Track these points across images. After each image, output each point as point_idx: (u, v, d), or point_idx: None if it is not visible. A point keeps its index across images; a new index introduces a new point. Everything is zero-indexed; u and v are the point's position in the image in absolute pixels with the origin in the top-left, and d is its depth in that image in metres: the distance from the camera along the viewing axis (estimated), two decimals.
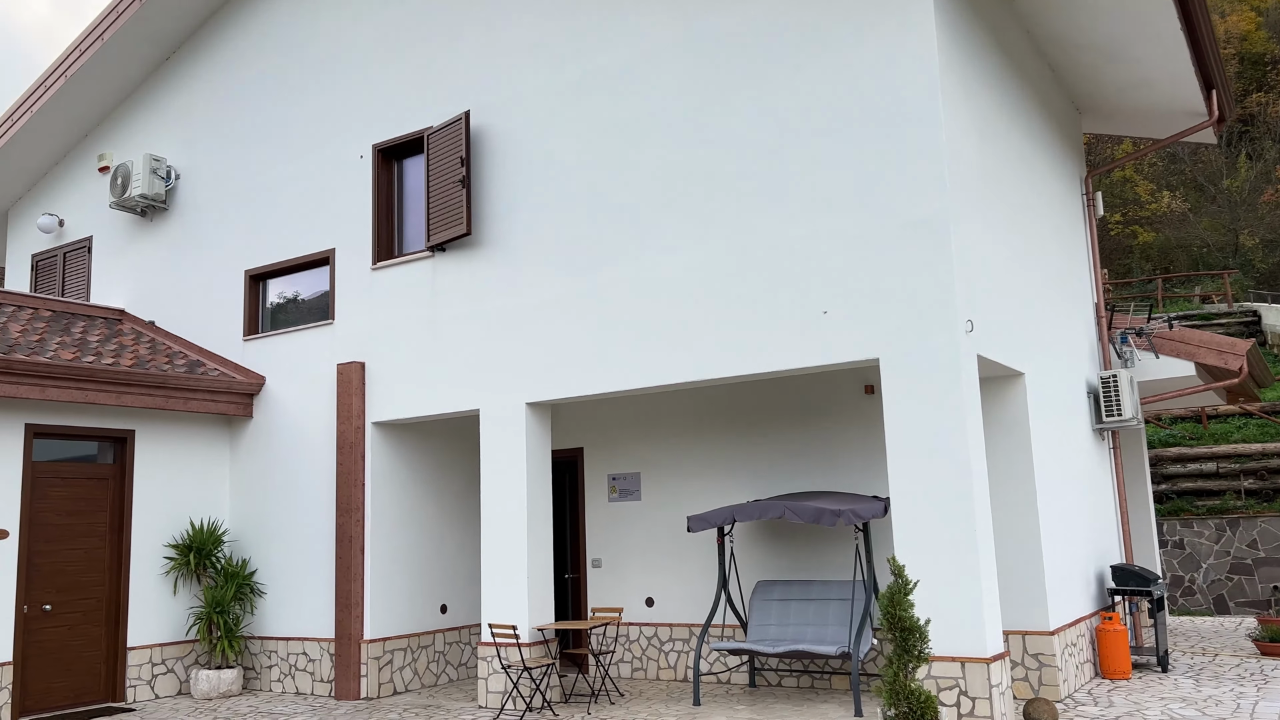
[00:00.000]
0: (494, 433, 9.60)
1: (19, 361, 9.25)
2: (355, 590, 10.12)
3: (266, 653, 10.85)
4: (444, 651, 10.92)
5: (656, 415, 10.88)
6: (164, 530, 10.79)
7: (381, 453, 10.51)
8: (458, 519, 11.35)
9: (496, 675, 9.24)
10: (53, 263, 13.98)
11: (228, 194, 12.13)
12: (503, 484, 9.48)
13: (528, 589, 9.21)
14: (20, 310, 11.28)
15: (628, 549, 10.87)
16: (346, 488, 10.32)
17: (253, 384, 11.31)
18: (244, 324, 11.73)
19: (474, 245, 9.97)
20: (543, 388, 9.36)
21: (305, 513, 10.81)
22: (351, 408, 10.44)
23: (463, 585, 11.30)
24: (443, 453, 11.26)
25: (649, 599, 10.63)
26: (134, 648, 10.34)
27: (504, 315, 9.67)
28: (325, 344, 10.95)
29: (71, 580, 10.01)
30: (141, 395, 10.34)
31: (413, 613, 10.62)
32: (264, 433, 11.31)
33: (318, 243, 11.20)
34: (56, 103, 13.05)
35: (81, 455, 10.30)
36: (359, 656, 10.02)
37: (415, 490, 10.85)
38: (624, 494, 10.97)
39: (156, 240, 12.77)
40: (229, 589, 10.64)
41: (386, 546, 10.40)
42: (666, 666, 10.40)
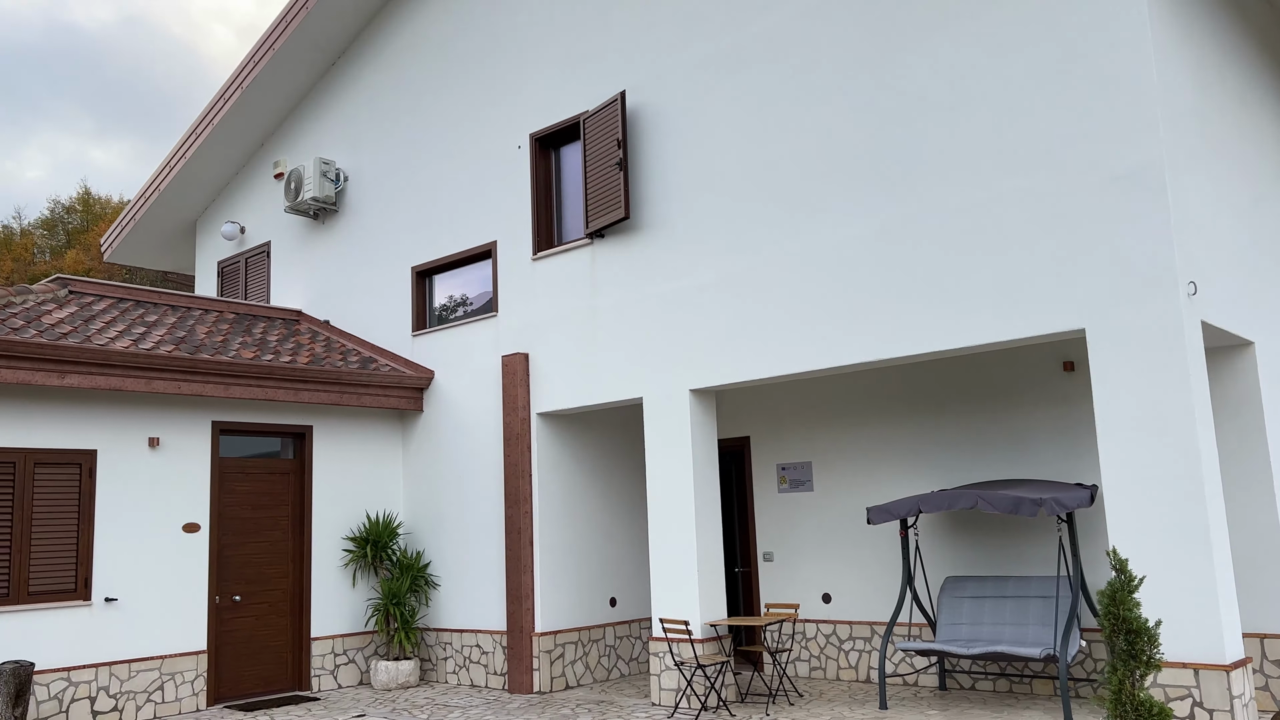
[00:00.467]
0: (658, 421, 9.28)
1: (204, 361, 9.61)
2: (525, 583, 10.03)
3: (441, 644, 10.93)
4: (614, 645, 10.71)
5: (827, 400, 10.30)
6: (342, 523, 11.04)
7: (547, 444, 10.38)
8: (624, 510, 11.12)
9: (669, 672, 8.92)
10: (236, 268, 14.66)
11: (392, 192, 12.32)
12: (668, 474, 9.15)
13: (698, 583, 8.84)
14: (206, 313, 11.80)
15: (800, 542, 10.35)
16: (514, 479, 10.25)
17: (422, 378, 11.43)
18: (412, 320, 11.88)
19: (632, 229, 9.67)
20: (707, 373, 8.96)
21: (475, 505, 10.83)
22: (516, 399, 10.36)
23: (631, 578, 11.06)
24: (608, 443, 11.05)
25: (826, 595, 10.08)
26: (317, 638, 10.62)
27: (664, 300, 9.33)
28: (490, 336, 10.93)
29: (258, 572, 10.36)
30: (318, 391, 10.59)
31: (582, 606, 10.46)
32: (434, 426, 11.41)
33: (479, 236, 11.19)
34: (234, 114, 13.63)
35: (264, 451, 10.64)
36: (531, 650, 9.92)
37: (581, 481, 10.68)
38: (795, 484, 10.45)
39: (328, 241, 13.14)
40: (404, 581, 10.78)
41: (555, 538, 10.27)
42: (847, 666, 9.82)
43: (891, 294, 7.83)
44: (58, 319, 9.61)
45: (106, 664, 9.02)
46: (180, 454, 9.81)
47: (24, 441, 8.80)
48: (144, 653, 9.29)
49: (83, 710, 8.83)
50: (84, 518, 9.07)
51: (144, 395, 9.62)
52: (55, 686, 8.69)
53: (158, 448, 9.64)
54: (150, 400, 9.66)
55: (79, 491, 9.08)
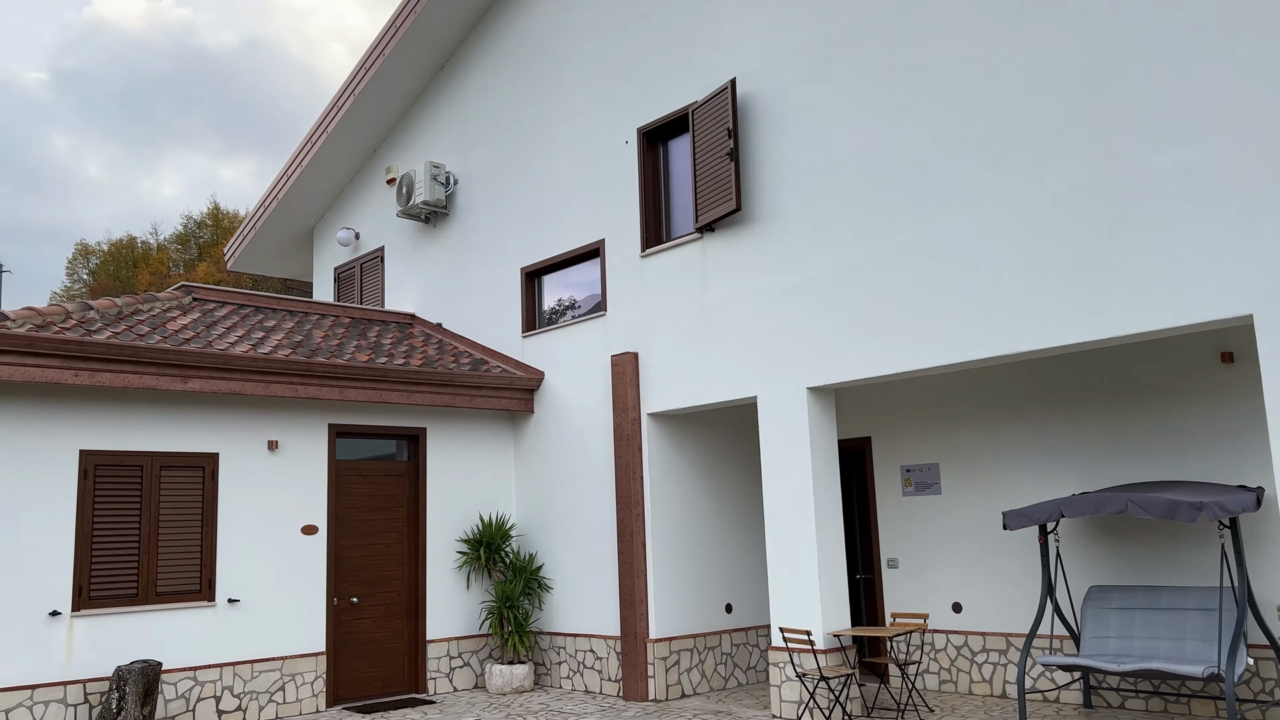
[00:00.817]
0: (774, 421, 8.90)
1: (320, 364, 9.69)
2: (639, 587, 9.78)
3: (555, 649, 10.79)
4: (731, 653, 10.36)
5: (956, 397, 9.72)
6: (455, 525, 11.02)
7: (659, 445, 10.12)
8: (739, 513, 10.76)
9: (790, 683, 8.53)
10: (352, 274, 14.89)
11: (501, 194, 12.27)
12: (786, 476, 8.76)
13: (820, 591, 8.42)
14: (323, 318, 11.97)
15: (927, 548, 9.80)
16: (625, 481, 10.02)
17: (532, 379, 11.32)
18: (522, 321, 11.79)
19: (744, 222, 9.32)
20: (825, 371, 8.54)
21: (586, 507, 10.64)
22: (626, 400, 10.12)
23: (747, 584, 10.70)
24: (721, 444, 10.72)
25: (956, 604, 9.50)
26: (433, 640, 10.61)
27: (779, 294, 8.94)
28: (598, 336, 10.74)
29: (375, 574, 10.41)
30: (430, 393, 10.58)
31: (697, 612, 10.15)
32: (544, 427, 11.29)
33: (587, 234, 11.01)
34: (347, 122, 13.84)
35: (379, 454, 10.70)
36: (645, 656, 9.67)
37: (694, 483, 10.37)
38: (920, 487, 9.91)
39: (439, 245, 13.19)
40: (518, 584, 10.67)
41: (668, 542, 10.00)
42: (980, 679, 9.24)
43: (1029, 282, 7.27)
44: (181, 325, 9.84)
45: (230, 664, 9.17)
46: (298, 456, 9.92)
47: (151, 445, 9.02)
48: (265, 653, 9.41)
49: (208, 709, 8.99)
50: (207, 520, 9.25)
51: (263, 399, 9.76)
52: (182, 686, 8.87)
53: (277, 450, 9.77)
54: (269, 404, 9.80)
55: (202, 494, 9.26)
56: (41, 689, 8.15)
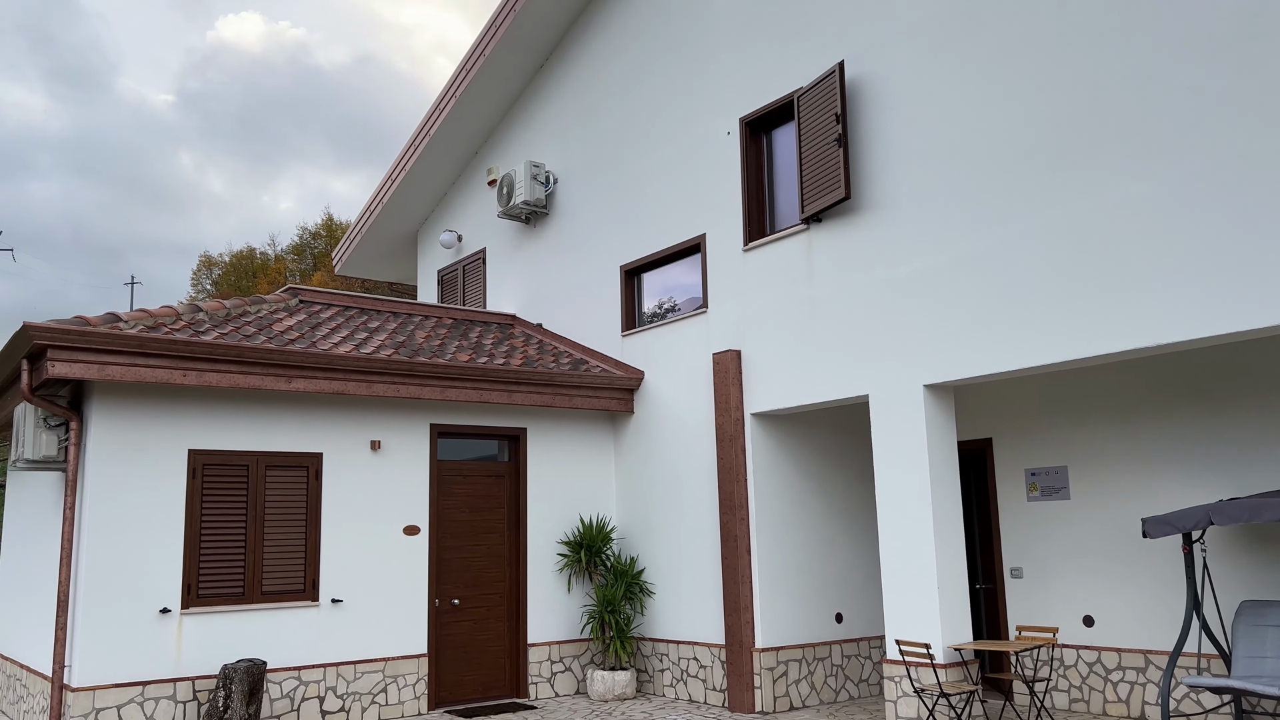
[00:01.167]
0: (887, 421, 8.41)
1: (422, 364, 9.63)
2: (744, 594, 9.40)
3: (658, 655, 10.49)
4: (842, 665, 9.88)
5: (1086, 395, 9.05)
6: (555, 527, 10.84)
7: (763, 446, 9.72)
8: (849, 518, 10.28)
9: (907, 699, 8.03)
10: (454, 276, 14.94)
11: (600, 191, 12.08)
12: (901, 480, 8.26)
13: (939, 601, 7.90)
14: (425, 319, 11.97)
15: (1054, 557, 9.14)
16: (729, 484, 9.66)
17: (632, 379, 11.07)
18: (622, 319, 11.55)
19: (853, 211, 8.86)
20: (943, 367, 8.01)
21: (688, 510, 10.32)
22: (729, 399, 9.76)
23: (858, 592, 10.20)
24: (829, 445, 10.26)
25: (1087, 617, 8.83)
26: (534, 644, 10.44)
27: (891, 286, 8.46)
28: (699, 334, 10.41)
29: (476, 576, 10.30)
30: (530, 393, 10.43)
31: (806, 620, 9.71)
32: (644, 428, 11.02)
33: (688, 230, 10.70)
34: (449, 125, 13.87)
35: (480, 454, 10.60)
36: (752, 666, 9.28)
37: (801, 486, 9.94)
38: (1046, 492, 9.25)
39: (540, 244, 13.08)
40: (619, 588, 10.42)
41: (774, 547, 9.59)
42: (1115, 699, 8.54)
43: (1176, 266, 6.63)
44: (286, 326, 9.93)
45: (334, 664, 9.17)
46: (400, 456, 9.89)
47: (256, 445, 9.09)
48: (368, 654, 9.39)
49: (312, 710, 9.00)
50: (311, 519, 9.28)
51: (365, 399, 9.76)
52: (287, 685, 8.90)
53: (379, 450, 9.75)
54: (371, 404, 9.80)
55: (306, 494, 9.30)
56: (153, 685, 8.27)
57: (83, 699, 7.97)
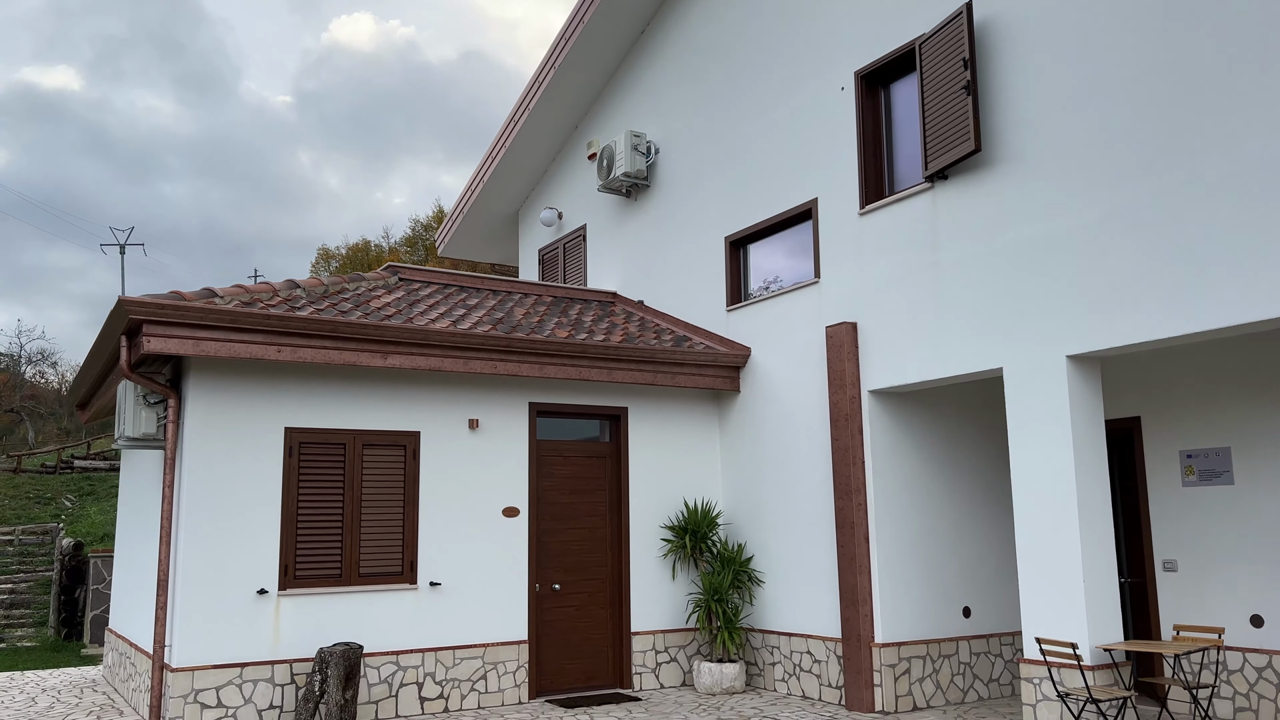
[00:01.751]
0: (1024, 397, 7.61)
1: (520, 340, 9.25)
2: (862, 585, 8.73)
3: (768, 648, 9.90)
4: (970, 663, 9.11)
5: (1252, 366, 8.04)
6: (658, 511, 10.34)
7: (882, 426, 9.01)
8: (978, 504, 9.47)
9: (1048, 703, 7.24)
10: (555, 255, 14.58)
11: (703, 160, 11.49)
12: (1041, 462, 7.45)
13: (1085, 598, 7.08)
14: (525, 297, 11.62)
15: (1215, 548, 8.17)
16: (844, 467, 8.98)
17: (738, 356, 10.47)
18: (726, 294, 10.96)
19: (983, 166, 8.05)
20: (1089, 335, 7.17)
21: (799, 495, 9.68)
22: (844, 375, 9.07)
23: (987, 584, 9.39)
24: (955, 425, 9.46)
25: (1256, 617, 7.85)
26: (637, 633, 9.98)
27: (1029, 247, 7.63)
28: (811, 306, 9.73)
29: (576, 560, 9.90)
30: (631, 371, 9.95)
31: (930, 614, 8.97)
32: (751, 408, 10.41)
33: (797, 195, 10.02)
34: (548, 98, 13.48)
35: (580, 435, 10.18)
36: (871, 662, 8.61)
37: (924, 470, 9.18)
38: (1206, 476, 8.28)
39: (641, 218, 12.58)
40: (726, 576, 9.86)
41: (894, 535, 8.88)
42: None
43: None
44: (384, 303, 9.68)
45: (432, 649, 8.88)
46: (499, 436, 9.54)
47: (353, 423, 8.86)
48: (467, 640, 9.08)
49: (410, 696, 8.73)
50: (408, 500, 9.00)
51: (462, 376, 9.44)
52: (385, 670, 8.66)
53: (477, 430, 9.43)
54: (468, 381, 9.47)
55: (404, 473, 9.03)
56: (251, 667, 8.11)
57: (182, 679, 7.86)
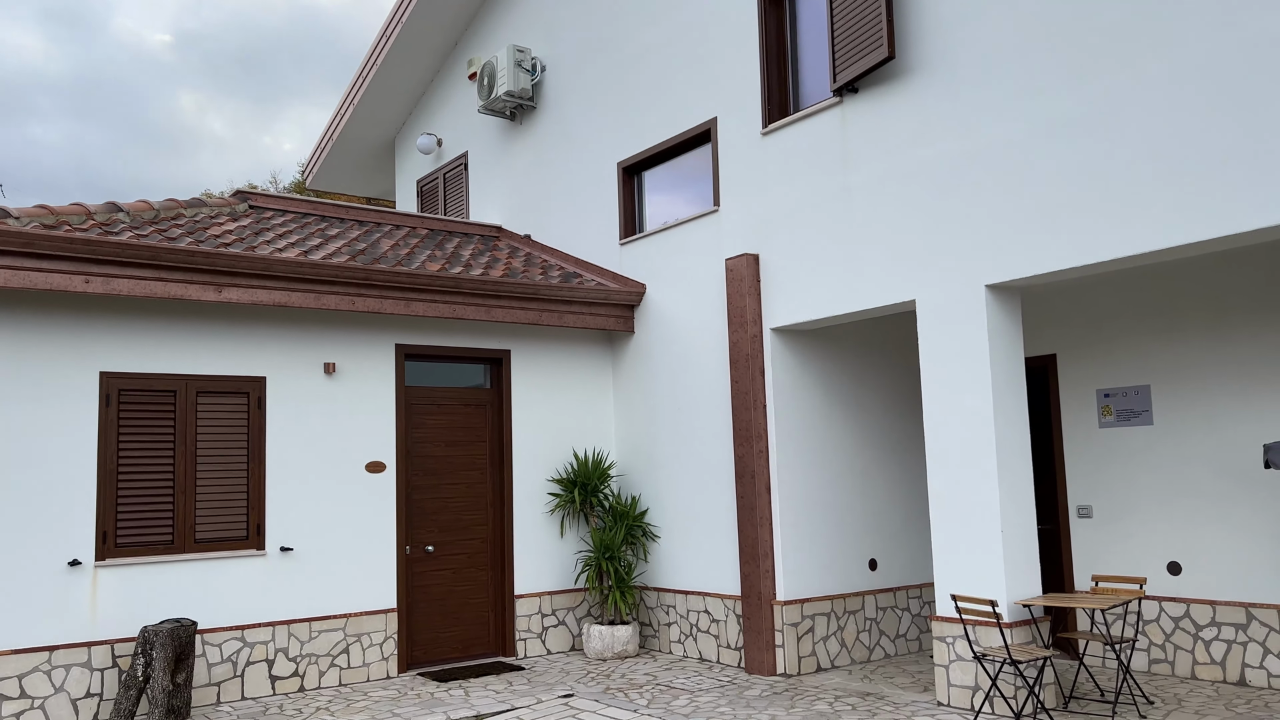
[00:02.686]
0: (939, 332, 6.92)
1: (381, 273, 8.15)
2: (763, 538, 8.03)
3: (664, 607, 9.17)
4: (876, 619, 8.54)
5: (1176, 298, 7.54)
6: (545, 463, 9.44)
7: (785, 367, 8.26)
8: (886, 450, 8.85)
9: (963, 664, 6.67)
10: (435, 186, 13.38)
11: (593, 79, 10.45)
12: (956, 403, 6.80)
13: (1004, 550, 6.49)
14: (397, 229, 10.46)
15: (1132, 492, 7.72)
16: (744, 411, 8.22)
17: (631, 293, 9.58)
18: (619, 225, 10.02)
19: (897, 76, 7.26)
20: (1011, 263, 6.49)
21: (698, 443, 8.90)
22: (745, 312, 8.28)
23: (895, 535, 8.82)
24: (864, 365, 8.79)
25: (1173, 564, 7.44)
26: (521, 595, 9.11)
27: (948, 167, 6.90)
28: (710, 237, 8.88)
29: (453, 519, 8.94)
30: (513, 309, 8.96)
31: (835, 568, 8.34)
32: (647, 350, 9.56)
33: (695, 115, 9.11)
34: (423, 9, 12.19)
35: (456, 381, 9.17)
36: (772, 621, 7.94)
37: (830, 414, 8.50)
38: (1124, 416, 7.80)
39: (526, 144, 11.49)
40: (619, 531, 9.06)
41: (797, 484, 8.19)
42: (1207, 660, 7.19)
43: None
44: (224, 230, 8.43)
45: (285, 622, 7.85)
46: (360, 382, 8.46)
47: (185, 367, 7.66)
48: (326, 610, 8.07)
49: (259, 675, 7.70)
50: (254, 455, 7.88)
51: (315, 314, 8.30)
52: (228, 647, 7.59)
53: (334, 374, 8.32)
54: (323, 320, 8.34)
55: (248, 425, 7.89)
56: (62, 650, 6.95)
57: None
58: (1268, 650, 6.89)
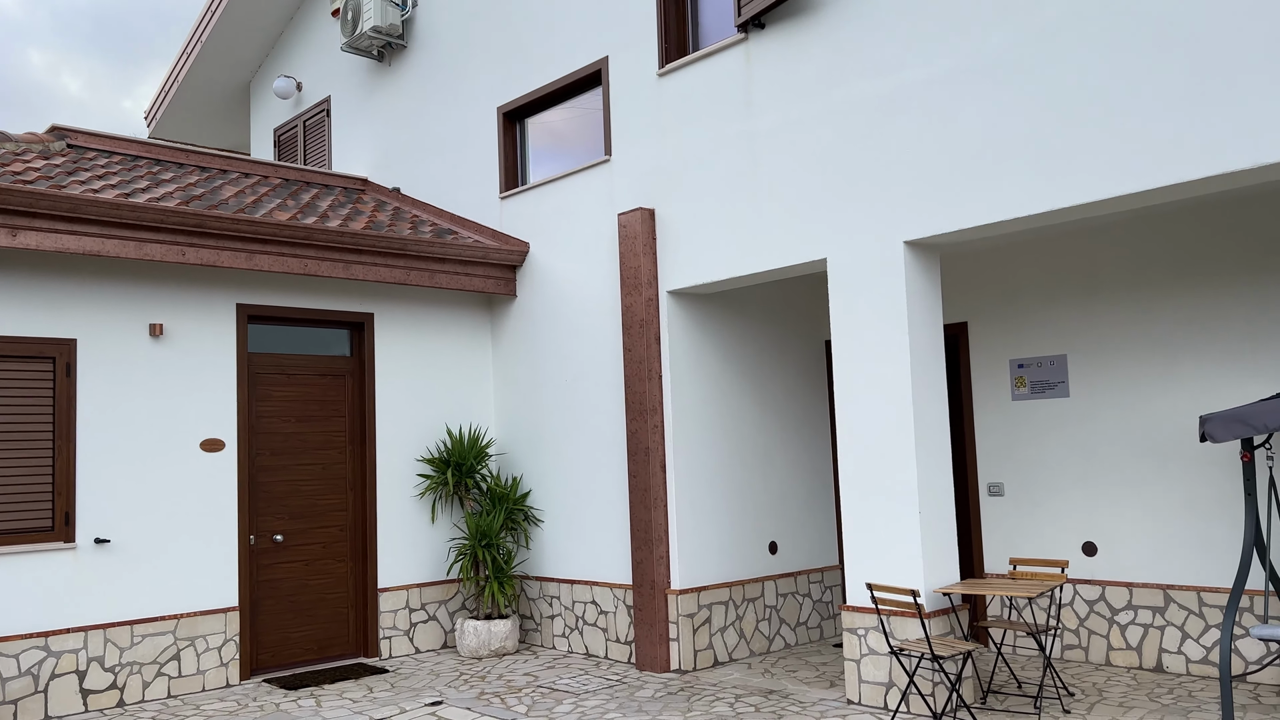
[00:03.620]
0: (852, 294, 6.27)
1: (218, 220, 7.00)
2: (657, 521, 7.28)
3: (546, 598, 8.34)
4: (776, 606, 7.92)
5: (1097, 265, 7.09)
6: (415, 441, 8.46)
7: (683, 333, 7.51)
8: (789, 424, 8.22)
9: (875, 658, 6.06)
10: (294, 135, 12.08)
11: (470, 14, 9.42)
12: (871, 372, 6.16)
13: (921, 533, 5.90)
14: (245, 178, 9.23)
15: (1045, 469, 7.28)
16: (638, 382, 7.44)
17: (513, 252, 8.65)
18: (500, 178, 9.06)
19: (810, 9, 6.54)
20: (932, 217, 5.87)
21: (587, 417, 8.08)
22: (639, 273, 7.47)
23: (796, 516, 8.21)
24: (768, 332, 8.12)
25: (1088, 544, 7.02)
26: (386, 589, 8.13)
27: (864, 112, 6.22)
28: (601, 190, 8.03)
29: (306, 504, 7.88)
30: (377, 266, 7.92)
31: (734, 553, 7.67)
32: (531, 314, 8.66)
33: (583, 54, 8.22)
34: None
35: (311, 348, 8.08)
36: (666, 613, 7.21)
37: (730, 386, 7.80)
38: (1039, 388, 7.34)
39: (396, 88, 10.37)
40: (497, 516, 8.18)
41: (695, 462, 7.46)
42: (1122, 646, 6.81)
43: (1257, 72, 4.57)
44: (29, 167, 7.12)
45: (99, 626, 6.68)
46: (194, 346, 7.30)
47: None
48: (152, 611, 6.93)
49: (67, 689, 6.52)
50: (61, 431, 6.66)
51: (137, 265, 7.09)
52: (28, 659, 6.39)
53: (162, 337, 7.15)
54: (149, 274, 7.14)
55: (53, 395, 6.66)
56: None
57: None
58: (1186, 634, 6.53)
